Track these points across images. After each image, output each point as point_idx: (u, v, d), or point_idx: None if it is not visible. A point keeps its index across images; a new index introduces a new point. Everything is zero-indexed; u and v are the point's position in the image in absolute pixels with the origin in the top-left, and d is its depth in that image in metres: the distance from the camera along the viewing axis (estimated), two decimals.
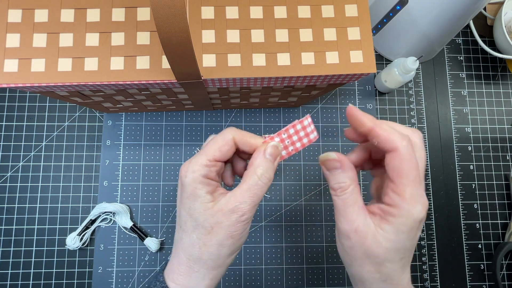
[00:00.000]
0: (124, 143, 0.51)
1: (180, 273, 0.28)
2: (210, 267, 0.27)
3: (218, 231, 0.26)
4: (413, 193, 0.24)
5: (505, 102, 0.56)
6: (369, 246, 0.25)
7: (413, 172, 0.24)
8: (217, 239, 0.26)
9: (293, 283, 0.49)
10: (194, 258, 0.27)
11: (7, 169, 0.50)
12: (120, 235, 0.49)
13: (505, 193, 0.53)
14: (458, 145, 0.54)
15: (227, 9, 0.31)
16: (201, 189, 0.27)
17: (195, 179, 0.27)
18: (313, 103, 0.54)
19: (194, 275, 0.27)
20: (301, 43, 0.31)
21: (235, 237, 0.27)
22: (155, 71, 0.30)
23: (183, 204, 0.27)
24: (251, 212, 0.27)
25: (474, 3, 0.43)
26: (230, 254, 0.27)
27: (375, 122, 0.26)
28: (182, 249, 0.28)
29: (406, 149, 0.24)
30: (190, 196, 0.27)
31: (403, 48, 0.53)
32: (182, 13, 0.21)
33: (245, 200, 0.26)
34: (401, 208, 0.24)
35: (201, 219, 0.26)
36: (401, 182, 0.24)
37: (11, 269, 0.48)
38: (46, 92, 0.33)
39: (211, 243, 0.26)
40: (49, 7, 0.30)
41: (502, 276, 0.52)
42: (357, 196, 0.27)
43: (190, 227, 0.27)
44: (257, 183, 0.27)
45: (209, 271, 0.27)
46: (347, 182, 0.27)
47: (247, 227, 0.27)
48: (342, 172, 0.27)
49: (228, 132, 0.28)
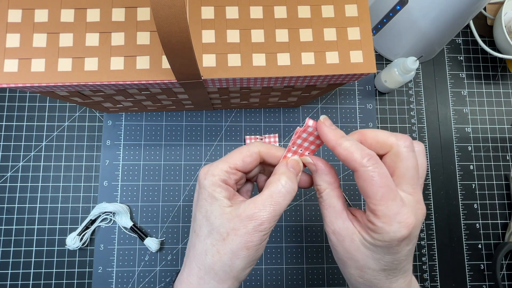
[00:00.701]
0: (124, 143, 0.51)
1: (190, 284, 0.26)
2: (221, 279, 0.25)
3: (234, 239, 0.25)
4: (385, 212, 0.23)
5: (505, 102, 0.56)
6: (347, 248, 0.25)
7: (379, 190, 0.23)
8: (232, 248, 0.25)
9: (293, 283, 0.49)
10: (206, 268, 0.26)
11: (7, 169, 0.50)
12: (120, 235, 0.49)
13: (505, 193, 0.53)
14: (458, 145, 0.54)
15: (227, 9, 0.31)
16: (219, 193, 0.26)
17: (214, 182, 0.26)
18: (313, 103, 0.54)
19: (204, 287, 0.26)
20: (301, 43, 0.31)
21: (250, 248, 0.25)
22: (155, 71, 0.30)
23: (200, 207, 0.26)
24: (270, 223, 0.25)
25: (474, 3, 0.43)
26: (244, 267, 0.26)
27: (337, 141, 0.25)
28: (194, 257, 0.26)
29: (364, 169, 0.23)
30: (208, 199, 0.26)
31: (403, 48, 0.53)
32: (182, 13, 0.21)
33: (265, 207, 0.25)
34: (376, 226, 0.23)
35: (217, 223, 0.25)
36: (371, 202, 0.23)
37: (11, 269, 0.48)
38: (46, 92, 0.33)
39: (224, 251, 0.25)
40: (49, 7, 0.30)
41: (502, 276, 0.52)
42: (332, 200, 0.26)
43: (205, 231, 0.26)
44: (280, 190, 0.25)
45: (220, 284, 0.26)
46: (322, 185, 0.27)
47: (264, 239, 0.25)
48: (318, 175, 0.27)
49: (255, 145, 0.28)
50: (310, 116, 0.53)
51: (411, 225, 0.23)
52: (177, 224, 0.50)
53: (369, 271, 0.25)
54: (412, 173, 0.25)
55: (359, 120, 0.54)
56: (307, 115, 0.53)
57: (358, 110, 0.54)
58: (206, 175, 0.26)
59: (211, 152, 0.52)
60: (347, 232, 0.25)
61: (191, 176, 0.51)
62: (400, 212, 0.23)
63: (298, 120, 0.53)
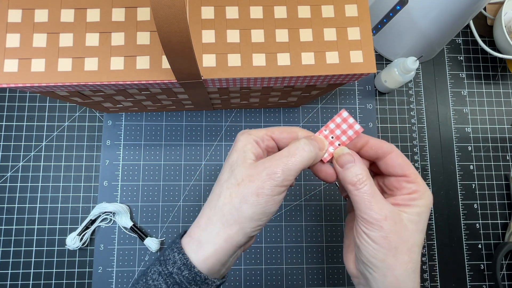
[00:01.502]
0: (124, 143, 0.51)
1: (199, 226, 0.28)
2: (227, 222, 0.26)
3: (247, 185, 0.26)
4: (422, 181, 0.28)
5: (505, 102, 0.56)
6: (399, 231, 0.26)
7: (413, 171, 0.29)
8: (243, 192, 0.26)
9: (293, 283, 0.49)
10: (216, 209, 0.27)
11: (7, 169, 0.50)
12: (120, 235, 0.49)
13: (505, 193, 0.53)
14: (458, 145, 0.54)
15: (227, 9, 0.31)
16: (249, 149, 0.28)
17: (248, 139, 0.29)
18: (313, 103, 0.54)
19: (209, 228, 0.27)
20: (301, 43, 0.31)
21: (260, 195, 0.26)
22: (155, 71, 0.30)
23: (229, 158, 0.29)
24: (283, 174, 0.26)
25: (474, 3, 0.43)
26: (251, 217, 0.26)
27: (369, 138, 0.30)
28: (209, 202, 0.28)
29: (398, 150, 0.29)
30: (238, 150, 0.28)
31: (403, 48, 0.53)
32: (182, 13, 0.21)
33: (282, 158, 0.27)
34: (420, 192, 0.28)
35: (237, 171, 0.27)
36: (412, 172, 0.28)
37: (11, 269, 0.48)
38: (46, 92, 0.33)
39: (236, 195, 0.26)
40: (49, 7, 0.30)
41: (502, 276, 0.52)
42: (374, 187, 0.28)
43: (225, 177, 0.28)
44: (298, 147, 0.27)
45: (225, 227, 0.26)
46: (363, 174, 0.28)
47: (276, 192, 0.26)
48: (356, 165, 0.28)
49: (297, 128, 0.30)
50: (310, 116, 0.53)
51: None
52: (177, 224, 0.50)
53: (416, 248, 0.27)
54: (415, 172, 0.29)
55: (359, 120, 0.54)
56: (307, 115, 0.53)
57: (358, 110, 0.54)
58: (244, 134, 0.29)
59: (211, 152, 0.52)
60: (397, 214, 0.27)
61: (191, 176, 0.51)
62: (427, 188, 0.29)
63: (298, 120, 0.53)
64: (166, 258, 0.27)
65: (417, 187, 0.28)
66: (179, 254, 0.27)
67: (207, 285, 0.27)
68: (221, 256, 0.27)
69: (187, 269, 0.26)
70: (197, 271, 0.26)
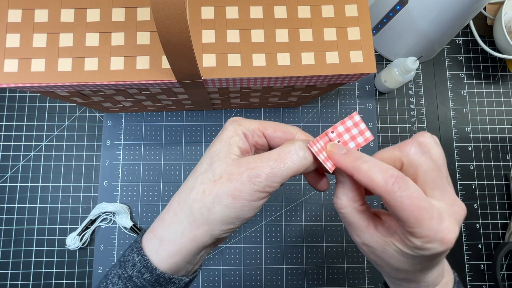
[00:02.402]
0: (124, 143, 0.51)
1: (163, 221, 0.25)
2: (195, 220, 0.24)
3: (224, 183, 0.23)
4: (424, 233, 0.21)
5: (505, 102, 0.56)
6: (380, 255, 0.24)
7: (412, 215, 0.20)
8: (218, 191, 0.23)
9: (293, 283, 0.49)
10: (185, 204, 0.24)
11: (7, 169, 0.50)
12: (120, 235, 0.49)
13: (505, 193, 0.53)
14: (458, 145, 0.54)
15: (227, 9, 0.31)
16: (236, 142, 0.25)
17: (236, 130, 0.25)
18: (313, 103, 0.54)
19: (174, 225, 0.24)
20: (301, 43, 0.31)
21: (236, 198, 0.23)
22: (155, 71, 0.30)
23: (211, 147, 0.25)
24: (267, 179, 0.23)
25: (474, 3, 0.43)
26: (222, 220, 0.23)
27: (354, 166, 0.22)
28: (179, 194, 0.25)
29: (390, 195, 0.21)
30: (223, 141, 0.25)
31: (403, 48, 0.53)
32: (182, 13, 0.21)
33: (269, 161, 0.23)
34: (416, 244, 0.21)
35: (216, 164, 0.24)
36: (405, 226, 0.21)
37: (11, 269, 0.48)
38: (46, 92, 0.33)
39: (209, 193, 0.23)
40: (49, 7, 0.30)
41: (502, 276, 0.52)
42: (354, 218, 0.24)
43: (202, 169, 0.25)
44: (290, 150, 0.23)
45: (192, 226, 0.24)
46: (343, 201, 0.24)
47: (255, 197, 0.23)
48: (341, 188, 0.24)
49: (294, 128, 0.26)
50: (310, 116, 0.53)
51: (453, 238, 0.21)
52: None
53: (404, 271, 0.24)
54: (432, 176, 0.23)
55: None
56: (307, 115, 0.53)
57: (358, 110, 0.54)
58: (233, 123, 0.26)
59: None
60: (378, 244, 0.24)
61: None
62: (440, 229, 0.21)
63: (298, 120, 0.53)
64: (126, 260, 0.25)
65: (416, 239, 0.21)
66: (139, 256, 0.24)
67: (173, 284, 0.25)
68: (185, 255, 0.25)
69: (148, 272, 0.24)
70: (160, 272, 0.24)
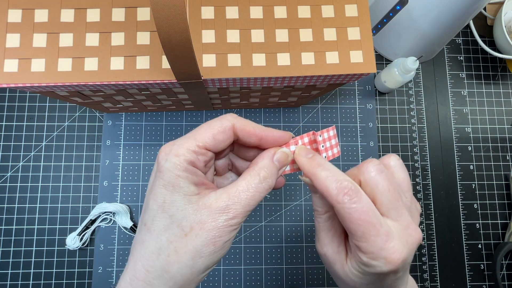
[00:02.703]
0: (124, 143, 0.51)
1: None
2: (176, 284, 0.21)
3: (199, 234, 0.21)
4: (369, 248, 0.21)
5: (505, 102, 0.56)
6: (336, 271, 0.24)
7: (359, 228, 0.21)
8: (195, 245, 0.21)
9: (293, 283, 0.49)
10: (157, 271, 0.21)
11: (7, 169, 0.50)
12: (120, 235, 0.49)
13: (505, 193, 0.53)
14: (458, 145, 0.54)
15: (227, 9, 0.31)
16: (184, 179, 0.21)
17: (179, 164, 0.21)
18: (313, 103, 0.54)
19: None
20: (301, 43, 0.31)
21: (217, 244, 0.21)
22: (155, 71, 0.30)
23: (155, 195, 0.21)
24: (242, 217, 0.22)
25: (474, 3, 0.43)
26: (206, 268, 0.22)
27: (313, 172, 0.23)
28: (142, 258, 0.21)
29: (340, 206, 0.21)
30: (168, 186, 0.21)
31: (403, 48, 0.53)
32: (182, 13, 0.21)
33: (240, 201, 0.22)
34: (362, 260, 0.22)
35: (179, 216, 0.21)
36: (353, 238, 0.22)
37: (11, 269, 0.48)
38: (46, 92, 0.33)
39: (185, 250, 0.21)
40: (49, 7, 0.30)
41: (502, 276, 0.52)
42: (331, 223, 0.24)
43: (160, 226, 0.21)
44: (257, 185, 0.22)
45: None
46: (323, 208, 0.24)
47: (233, 235, 0.22)
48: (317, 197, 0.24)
49: (227, 119, 0.23)
50: (310, 116, 0.53)
51: (398, 259, 0.21)
52: None
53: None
54: (388, 197, 0.22)
55: (359, 120, 0.54)
56: (307, 115, 0.53)
57: (358, 110, 0.54)
58: (168, 156, 0.21)
59: None
60: (338, 258, 0.24)
61: None
62: (385, 248, 0.21)
63: (298, 120, 0.53)
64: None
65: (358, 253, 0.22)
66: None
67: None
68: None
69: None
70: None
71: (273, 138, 0.24)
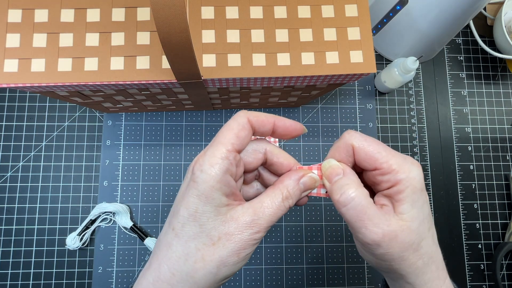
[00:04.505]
0: (124, 143, 0.51)
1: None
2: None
3: (225, 245, 0.22)
4: (399, 162, 0.23)
5: (505, 102, 0.56)
6: (402, 240, 0.23)
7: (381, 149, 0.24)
8: (221, 254, 0.22)
9: (293, 283, 0.49)
10: (183, 275, 0.22)
11: (7, 169, 0.50)
12: (120, 235, 0.49)
13: (505, 193, 0.53)
14: (458, 145, 0.54)
15: (227, 9, 0.31)
16: (218, 190, 0.22)
17: (214, 176, 0.21)
18: (313, 103, 0.54)
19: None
20: (301, 43, 0.31)
21: (240, 255, 0.22)
22: (155, 71, 0.30)
23: (188, 203, 0.22)
24: (264, 232, 0.23)
25: (474, 3, 0.43)
26: (226, 277, 0.23)
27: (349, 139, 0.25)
28: (168, 260, 0.22)
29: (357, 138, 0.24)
30: (202, 196, 0.22)
31: (403, 48, 0.53)
32: (182, 13, 0.21)
33: (265, 217, 0.23)
34: (402, 179, 0.23)
35: (209, 226, 0.22)
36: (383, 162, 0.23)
37: (11, 269, 0.48)
38: (46, 92, 0.33)
39: (211, 258, 0.22)
40: (49, 7, 0.30)
41: (502, 276, 0.52)
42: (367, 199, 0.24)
43: (190, 233, 0.22)
44: (280, 204, 0.23)
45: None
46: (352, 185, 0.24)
47: (254, 248, 0.23)
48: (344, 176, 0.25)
49: (241, 116, 0.24)
50: (310, 116, 0.53)
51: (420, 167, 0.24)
52: None
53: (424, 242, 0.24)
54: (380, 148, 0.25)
55: (359, 120, 0.54)
56: (307, 115, 0.53)
57: (358, 110, 0.54)
58: (203, 166, 0.22)
59: None
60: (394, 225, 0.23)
61: None
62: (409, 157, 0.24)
63: (298, 120, 0.53)
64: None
65: (395, 177, 0.23)
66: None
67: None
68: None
69: None
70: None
71: (285, 126, 0.25)
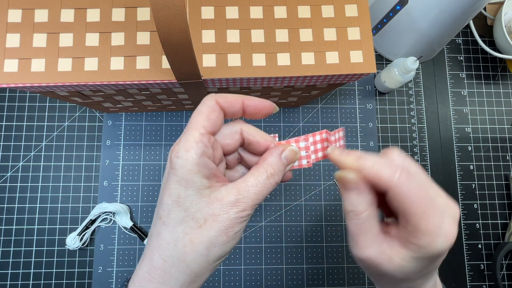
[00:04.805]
0: (124, 143, 0.51)
1: (152, 281, 0.22)
2: (193, 272, 0.22)
3: (212, 225, 0.22)
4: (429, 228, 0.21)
5: (505, 102, 0.56)
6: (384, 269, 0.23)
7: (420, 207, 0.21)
8: (209, 235, 0.22)
9: (293, 283, 0.49)
10: (174, 260, 0.22)
11: (7, 169, 0.50)
12: (120, 235, 0.49)
13: (505, 193, 0.53)
14: (458, 145, 0.54)
15: (227, 9, 0.31)
16: (197, 173, 0.22)
17: (190, 160, 0.22)
18: (313, 103, 0.54)
19: (170, 282, 0.22)
20: (301, 43, 0.31)
21: (229, 234, 0.22)
22: (155, 71, 0.30)
23: (170, 190, 0.22)
24: (251, 210, 0.23)
25: (474, 3, 0.43)
26: (218, 258, 0.23)
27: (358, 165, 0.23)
28: (159, 248, 0.23)
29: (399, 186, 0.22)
30: (182, 181, 0.22)
31: (403, 48, 0.53)
32: (182, 13, 0.21)
33: (250, 195, 0.23)
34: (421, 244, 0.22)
35: (193, 209, 0.22)
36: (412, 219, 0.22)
37: (11, 269, 0.48)
38: (46, 92, 0.33)
39: (200, 240, 0.22)
40: (49, 7, 0.30)
41: (502, 276, 0.52)
42: (372, 222, 0.24)
43: (176, 219, 0.22)
44: (265, 182, 0.24)
45: (190, 277, 0.22)
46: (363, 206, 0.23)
47: (244, 226, 0.23)
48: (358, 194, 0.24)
49: (208, 99, 0.24)
50: (310, 116, 0.53)
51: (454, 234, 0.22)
52: None
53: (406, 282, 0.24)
54: None
55: (359, 120, 0.54)
56: (307, 115, 0.53)
57: (358, 110, 0.54)
58: (179, 153, 0.22)
59: None
60: (384, 256, 0.23)
61: None
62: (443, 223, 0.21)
63: (298, 120, 0.53)
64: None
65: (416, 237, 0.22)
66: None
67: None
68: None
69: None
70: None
71: (254, 105, 0.25)
